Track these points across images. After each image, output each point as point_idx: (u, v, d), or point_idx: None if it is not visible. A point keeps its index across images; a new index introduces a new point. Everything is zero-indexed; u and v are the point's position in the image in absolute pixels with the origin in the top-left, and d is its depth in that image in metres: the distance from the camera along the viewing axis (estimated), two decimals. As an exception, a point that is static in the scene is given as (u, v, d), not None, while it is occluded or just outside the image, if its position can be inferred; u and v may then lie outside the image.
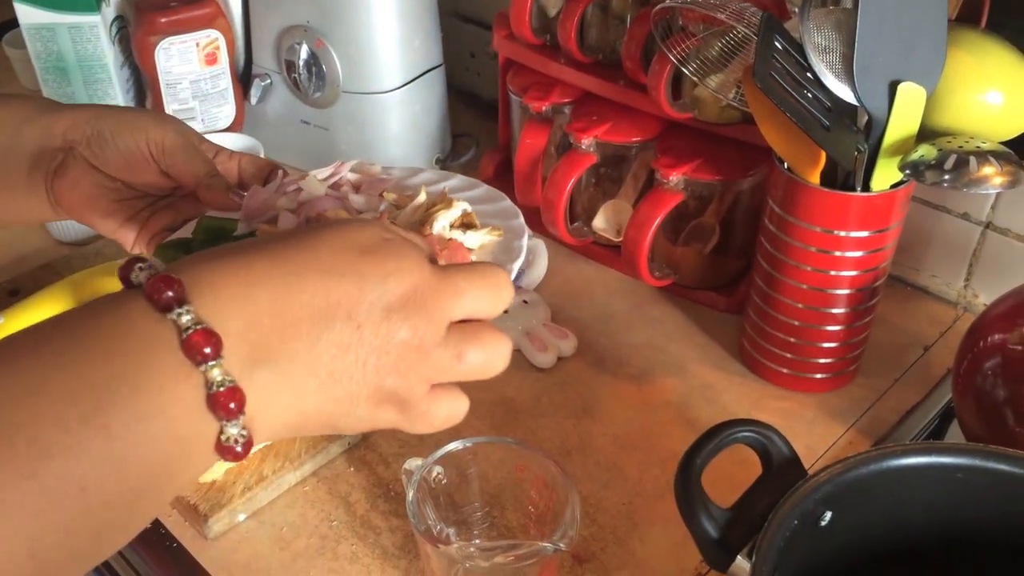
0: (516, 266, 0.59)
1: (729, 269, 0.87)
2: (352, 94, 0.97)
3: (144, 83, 1.01)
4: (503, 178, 0.98)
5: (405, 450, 0.73)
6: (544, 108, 0.88)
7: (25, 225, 0.85)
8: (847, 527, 0.51)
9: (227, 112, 1.02)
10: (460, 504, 0.63)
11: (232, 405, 0.35)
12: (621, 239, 0.85)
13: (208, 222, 0.60)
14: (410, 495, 0.59)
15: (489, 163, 1.01)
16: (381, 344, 0.38)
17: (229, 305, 0.35)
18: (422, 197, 0.62)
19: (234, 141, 1.00)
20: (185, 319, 0.34)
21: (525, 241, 0.61)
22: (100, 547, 0.35)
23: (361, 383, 0.38)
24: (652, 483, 0.70)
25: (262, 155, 0.96)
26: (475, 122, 1.13)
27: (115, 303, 0.35)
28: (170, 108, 1.00)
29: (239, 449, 0.36)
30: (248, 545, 0.66)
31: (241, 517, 0.67)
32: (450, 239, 0.58)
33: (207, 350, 0.34)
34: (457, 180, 0.67)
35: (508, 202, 0.64)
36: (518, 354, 0.81)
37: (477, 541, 0.63)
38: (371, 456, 0.72)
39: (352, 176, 0.66)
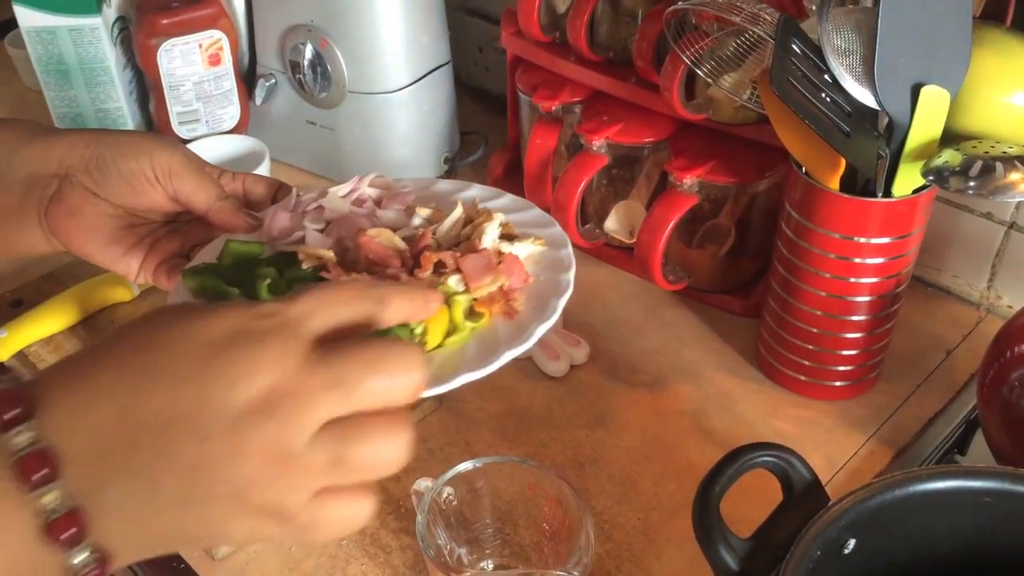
0: (569, 276, 0.57)
1: (745, 271, 0.85)
2: (358, 94, 0.95)
3: (147, 85, 0.99)
4: (512, 177, 0.97)
5: (415, 465, 0.71)
6: (554, 108, 0.86)
7: (16, 259, 0.81)
8: (871, 554, 0.49)
9: (231, 113, 1.01)
10: (471, 522, 0.62)
11: (70, 532, 0.32)
12: (634, 241, 0.83)
13: (235, 246, 0.58)
14: (420, 519, 0.57)
15: (498, 162, 0.99)
16: (232, 458, 0.33)
17: (71, 421, 0.33)
18: (459, 211, 0.60)
19: (239, 143, 0.99)
20: (20, 440, 0.32)
21: (571, 249, 0.59)
22: None
23: (219, 501, 0.33)
24: (668, 497, 0.68)
25: (267, 157, 0.95)
26: (484, 118, 1.11)
27: None
28: (173, 110, 0.98)
29: (93, 572, 0.33)
30: (256, 566, 0.65)
31: (249, 536, 0.66)
32: (504, 251, 0.56)
33: (40, 474, 0.31)
34: (477, 189, 0.65)
35: (538, 210, 0.63)
36: (530, 362, 0.79)
37: (489, 566, 0.62)
38: (381, 471, 0.71)
39: (372, 191, 0.64)
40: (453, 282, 0.54)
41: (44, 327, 0.81)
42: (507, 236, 0.59)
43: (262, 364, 0.34)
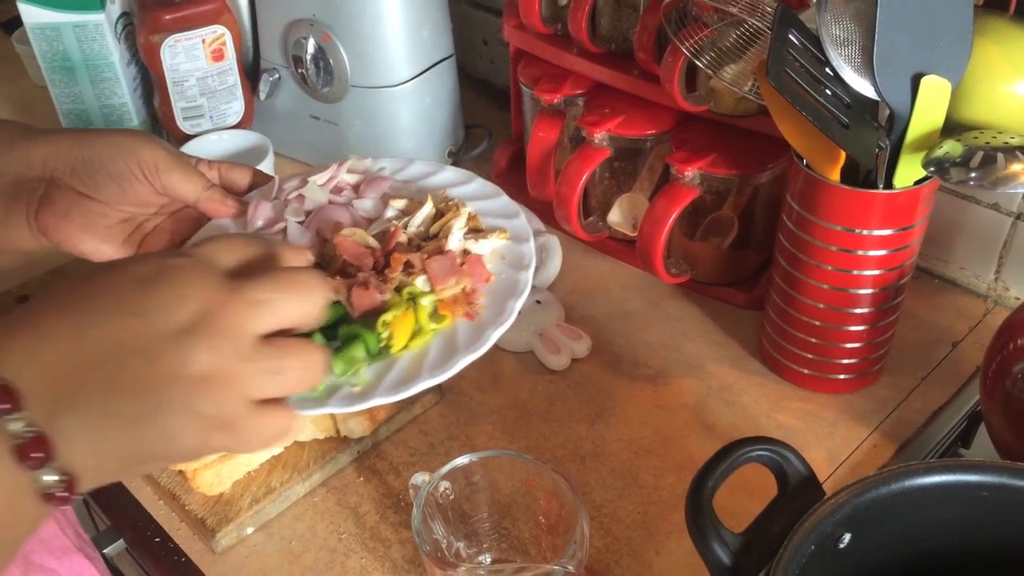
0: (528, 275, 0.57)
1: (748, 264, 0.85)
2: (361, 88, 0.95)
3: (151, 81, 0.99)
4: (517, 169, 0.96)
5: (415, 459, 0.71)
6: (556, 100, 0.86)
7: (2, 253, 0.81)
8: (867, 549, 0.49)
9: (236, 108, 1.01)
10: (469, 515, 0.62)
11: (38, 454, 0.35)
12: (637, 234, 0.83)
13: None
14: (416, 513, 0.57)
15: (502, 155, 0.99)
16: (179, 371, 0.37)
17: (24, 361, 0.36)
18: (429, 207, 0.60)
19: (244, 137, 0.99)
20: None
21: (532, 244, 0.59)
22: None
23: (173, 414, 0.37)
24: (668, 491, 0.68)
25: (271, 152, 0.95)
26: (488, 111, 1.11)
27: None
28: (178, 106, 0.98)
29: (64, 494, 0.36)
30: (256, 559, 0.65)
31: (249, 530, 0.66)
32: (466, 253, 0.57)
33: (4, 406, 0.35)
34: (451, 173, 0.65)
35: (506, 198, 0.62)
36: (531, 356, 0.79)
37: (487, 560, 0.62)
38: (381, 465, 0.71)
39: (350, 177, 0.65)
40: (420, 283, 0.55)
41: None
42: (474, 231, 0.59)
43: (189, 289, 0.39)
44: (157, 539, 0.67)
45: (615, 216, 0.88)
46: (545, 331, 0.79)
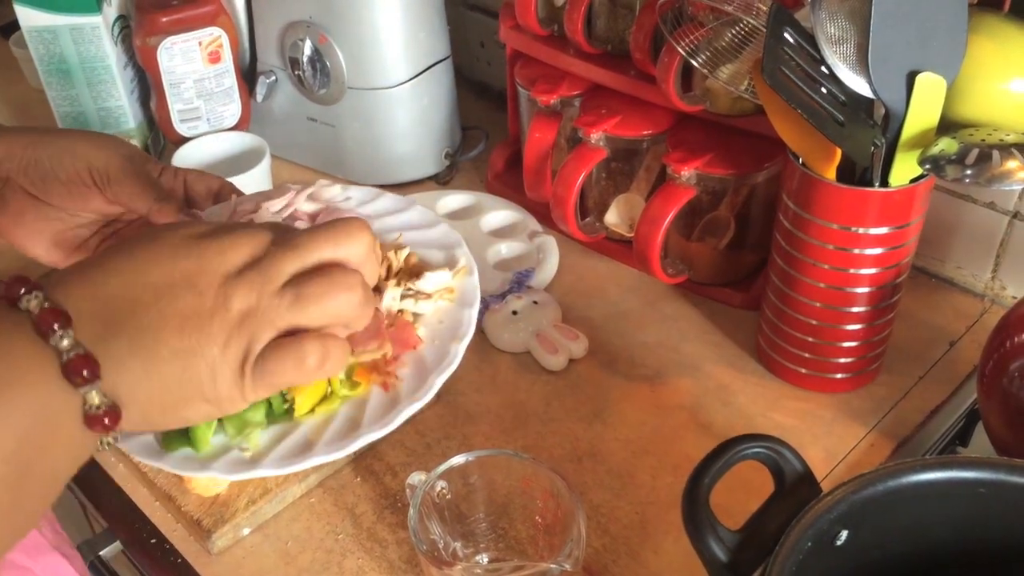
0: (460, 348, 0.54)
1: (745, 264, 0.85)
2: (358, 90, 0.95)
3: (148, 83, 0.99)
4: (514, 171, 0.96)
5: (412, 459, 0.71)
6: (552, 101, 0.86)
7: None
8: (864, 546, 0.49)
9: (232, 111, 1.01)
10: (466, 515, 0.62)
11: (85, 372, 0.37)
12: (634, 234, 0.83)
13: None
14: (412, 513, 0.57)
15: (499, 157, 0.99)
16: (221, 306, 0.40)
17: (80, 291, 0.38)
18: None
19: (240, 140, 0.99)
20: (34, 303, 0.37)
21: (476, 309, 0.56)
22: None
23: (212, 344, 0.39)
24: (665, 491, 0.68)
25: (267, 155, 0.95)
26: (486, 113, 1.11)
27: None
28: (175, 108, 0.98)
29: (106, 419, 0.38)
30: (253, 560, 0.65)
31: (245, 531, 0.66)
32: (400, 313, 0.55)
33: (55, 324, 0.36)
34: (415, 213, 0.64)
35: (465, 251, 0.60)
36: (528, 357, 0.79)
37: (484, 560, 0.62)
38: (378, 466, 0.71)
39: (309, 207, 0.63)
40: None
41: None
42: (414, 273, 0.56)
43: (243, 241, 0.41)
44: (153, 540, 0.67)
45: (612, 217, 0.88)
46: (542, 331, 0.79)
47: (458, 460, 0.59)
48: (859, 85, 0.61)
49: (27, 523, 0.39)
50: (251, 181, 0.93)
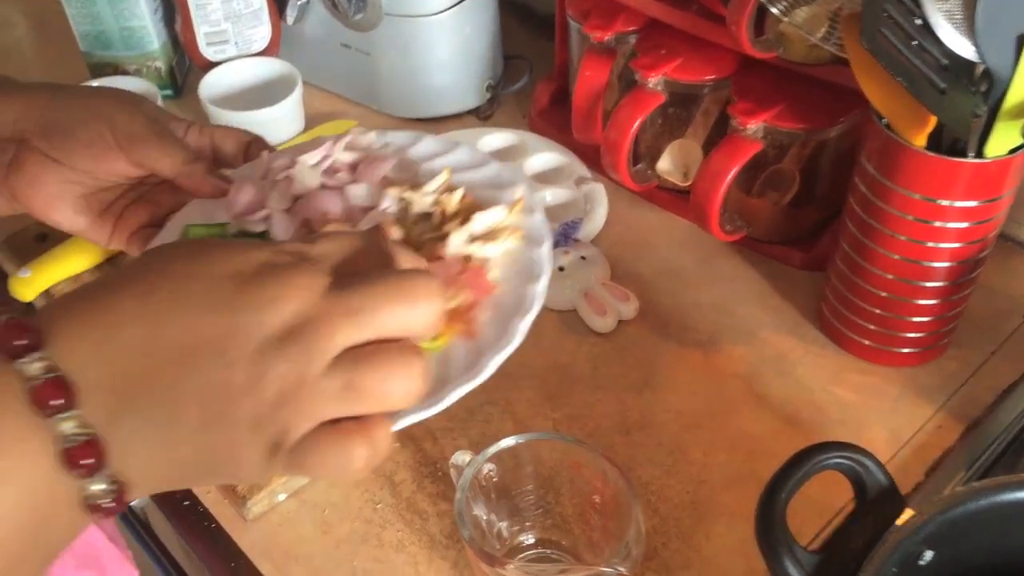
0: (539, 287, 0.50)
1: (808, 221, 0.80)
2: (396, 16, 0.88)
3: (173, 3, 0.93)
4: (560, 108, 0.91)
5: (453, 425, 0.68)
6: (606, 38, 0.79)
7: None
8: (949, 564, 0.45)
9: (262, 34, 0.95)
10: (511, 491, 0.59)
11: (88, 461, 0.32)
12: (689, 183, 0.78)
13: (195, 231, 0.54)
14: (459, 496, 0.54)
15: (544, 92, 0.93)
16: (254, 383, 0.33)
17: (89, 351, 0.32)
18: (428, 200, 0.54)
19: (270, 66, 0.94)
20: (34, 368, 0.31)
21: (548, 247, 0.53)
22: None
23: (238, 427, 0.33)
24: (718, 469, 0.65)
25: (299, 84, 0.89)
26: (528, 40, 1.04)
27: None
28: (200, 30, 0.92)
29: (111, 505, 0.33)
30: (289, 528, 0.63)
31: (281, 497, 0.64)
32: (468, 259, 0.51)
33: (57, 402, 0.31)
34: (462, 153, 0.59)
35: (524, 187, 0.56)
36: (575, 316, 0.75)
37: (530, 539, 0.59)
38: (417, 430, 0.68)
39: (347, 156, 0.58)
40: None
41: (70, 265, 0.78)
42: (480, 236, 0.52)
43: (290, 291, 0.34)
44: (186, 502, 0.64)
45: (665, 164, 0.82)
46: (590, 290, 0.75)
47: (508, 443, 0.56)
48: (962, 47, 0.55)
49: None
50: (283, 114, 0.89)
